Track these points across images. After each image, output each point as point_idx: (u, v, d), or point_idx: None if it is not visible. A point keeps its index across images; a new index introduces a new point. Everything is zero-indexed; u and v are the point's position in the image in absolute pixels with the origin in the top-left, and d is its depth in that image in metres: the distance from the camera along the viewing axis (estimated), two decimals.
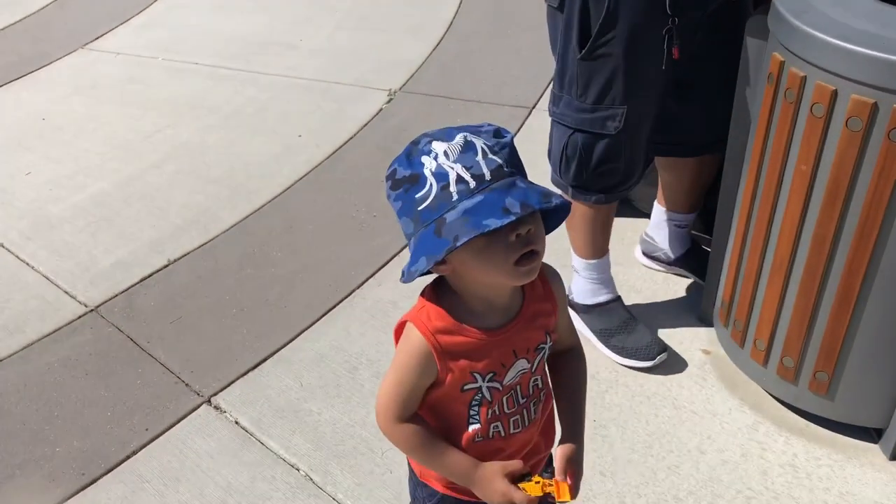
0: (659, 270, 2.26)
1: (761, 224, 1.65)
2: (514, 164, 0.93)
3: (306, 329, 2.19)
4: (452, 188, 0.89)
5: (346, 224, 2.60)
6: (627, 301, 2.10)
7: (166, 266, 2.50)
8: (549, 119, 1.88)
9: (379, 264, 2.40)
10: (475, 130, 0.94)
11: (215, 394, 2.02)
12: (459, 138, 0.91)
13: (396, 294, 2.27)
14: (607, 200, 1.89)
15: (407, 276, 0.95)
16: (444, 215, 0.90)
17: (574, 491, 1.07)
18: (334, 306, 2.26)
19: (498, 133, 0.95)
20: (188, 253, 2.55)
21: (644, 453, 1.76)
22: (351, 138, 3.11)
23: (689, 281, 2.22)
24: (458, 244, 0.88)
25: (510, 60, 3.58)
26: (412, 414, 1.06)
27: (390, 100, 3.36)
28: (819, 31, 1.40)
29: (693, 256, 2.20)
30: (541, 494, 1.05)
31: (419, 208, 0.91)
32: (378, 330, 2.16)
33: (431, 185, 0.90)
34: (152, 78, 3.76)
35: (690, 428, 1.81)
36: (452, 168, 0.89)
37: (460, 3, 4.22)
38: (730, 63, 1.73)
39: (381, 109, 3.29)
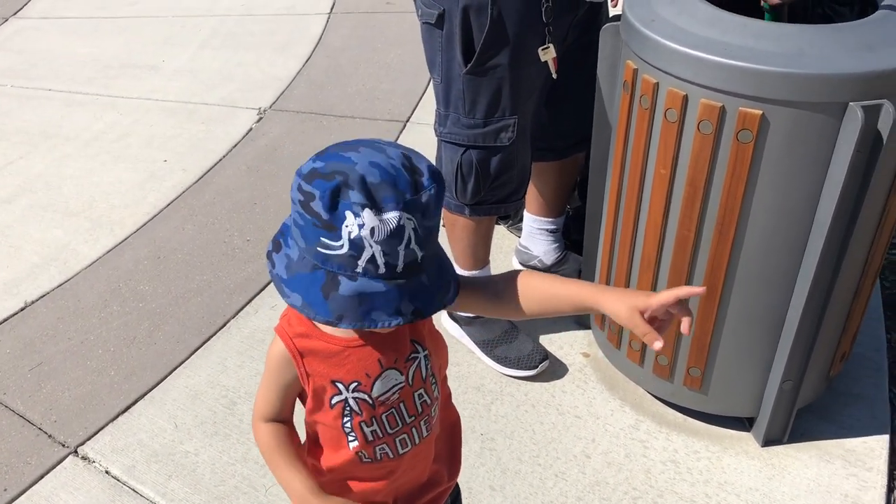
0: None
1: (627, 227, 1.68)
2: (429, 234, 0.89)
3: (179, 365, 2.08)
4: (361, 263, 0.85)
5: (218, 250, 2.50)
6: None
7: (23, 309, 2.33)
8: (425, 134, 1.85)
9: (254, 291, 2.31)
10: (410, 184, 0.86)
11: (82, 443, 1.89)
12: (393, 218, 0.84)
13: (274, 321, 2.17)
14: (505, 211, 1.89)
15: (277, 286, 0.92)
16: (339, 277, 0.86)
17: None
18: (208, 339, 2.16)
19: (433, 175, 0.89)
20: (47, 293, 2.38)
21: (532, 463, 1.76)
22: (220, 160, 3.00)
23: None
24: (340, 325, 0.87)
25: (381, 75, 3.56)
26: (280, 419, 1.07)
27: (260, 119, 3.27)
28: (667, 39, 1.43)
29: (568, 261, 2.24)
30: None
31: (319, 248, 0.87)
32: (256, 360, 2.08)
33: (343, 245, 0.85)
34: (0, 107, 3.52)
35: (575, 433, 1.83)
36: (371, 248, 0.84)
37: (328, 19, 4.17)
38: (593, 66, 1.76)
39: (250, 129, 3.20)
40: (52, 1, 4.79)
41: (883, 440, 1.76)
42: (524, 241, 2.27)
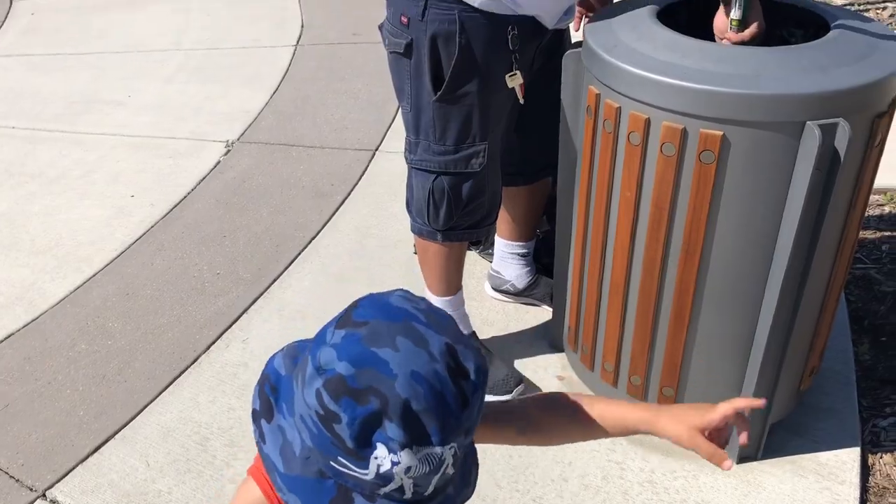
0: (509, 302, 2.29)
1: (596, 250, 1.70)
2: (468, 450, 0.77)
3: (150, 403, 2.05)
4: (385, 490, 0.71)
5: (188, 285, 2.48)
6: (482, 335, 2.11)
7: None
8: (395, 162, 1.86)
9: (225, 325, 2.29)
10: (457, 398, 0.71)
11: (51, 486, 1.84)
12: (436, 454, 0.70)
13: (246, 355, 2.17)
14: (476, 237, 1.91)
15: (268, 471, 0.76)
16: (354, 495, 0.72)
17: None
18: (179, 375, 2.13)
19: (479, 372, 0.74)
20: (12, 333, 2.34)
21: (510, 488, 1.75)
22: (188, 194, 2.98)
23: (539, 309, 2.25)
24: None
25: (349, 104, 3.57)
26: None
27: (228, 151, 3.26)
28: (628, 64, 1.46)
29: (540, 285, 2.25)
30: None
31: (335, 464, 0.71)
32: (229, 395, 2.05)
33: (369, 475, 0.70)
34: None
35: (552, 456, 1.82)
36: (403, 481, 0.70)
37: (295, 50, 4.19)
38: (559, 91, 1.79)
39: (218, 162, 3.19)
40: (15, 37, 4.76)
41: (854, 453, 1.77)
42: (496, 266, 2.28)
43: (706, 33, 1.57)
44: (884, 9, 4.27)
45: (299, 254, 2.60)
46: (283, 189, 2.97)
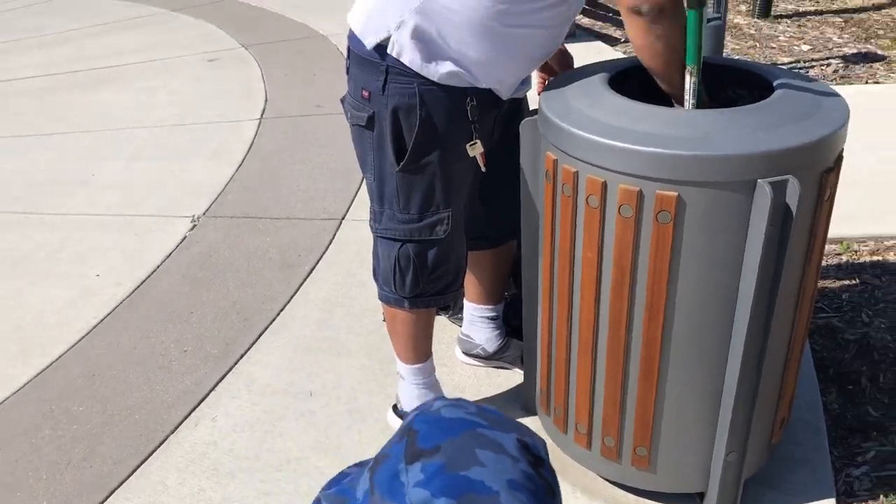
0: (480, 366, 2.29)
1: (562, 311, 1.71)
2: None
3: (117, 488, 1.99)
4: None
5: (155, 363, 2.44)
6: None
7: None
8: (362, 230, 1.88)
9: (194, 403, 2.25)
10: (547, 491, 0.70)
11: None
12: None
13: (215, 434, 2.13)
14: (444, 302, 1.91)
15: None
16: None
17: None
18: (147, 457, 2.08)
19: (546, 451, 0.74)
20: None
21: None
22: (154, 271, 2.96)
23: (511, 372, 2.25)
24: None
25: (315, 174, 3.60)
26: None
27: (194, 226, 3.26)
28: (582, 130, 1.50)
29: (510, 347, 2.25)
30: None
31: None
32: (198, 476, 2.01)
33: None
34: None
35: None
36: None
37: (259, 124, 4.23)
38: (518, 157, 1.82)
39: (184, 237, 3.18)
40: None
41: None
42: (465, 330, 2.28)
43: (655, 95, 1.62)
44: (828, 65, 4.44)
45: (267, 326, 2.58)
46: (251, 261, 2.96)
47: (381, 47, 1.66)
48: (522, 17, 1.64)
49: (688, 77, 1.56)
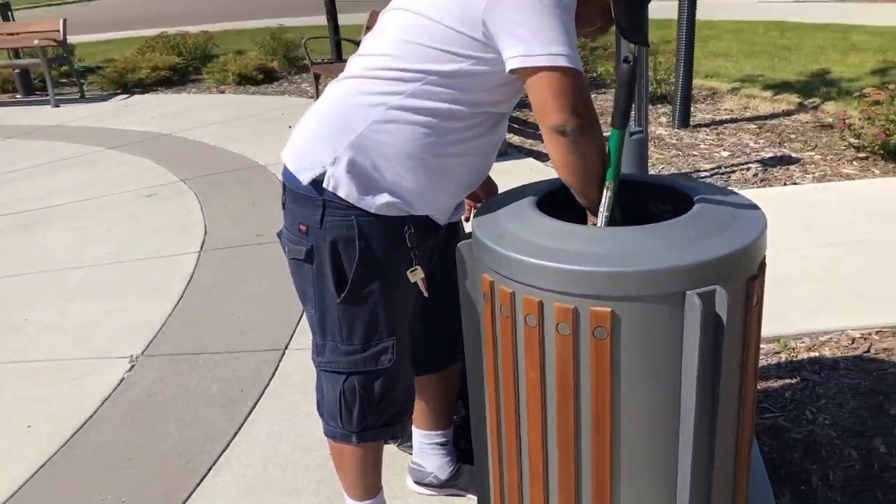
0: (433, 495, 2.23)
1: (510, 435, 1.69)
2: None
3: None
4: None
5: None
6: None
7: None
8: (306, 361, 1.85)
9: None
10: None
11: None
12: None
13: None
14: (393, 434, 1.87)
15: None
16: None
17: None
18: None
19: None
20: None
21: None
22: (90, 417, 2.85)
23: (465, 499, 2.20)
24: None
25: (255, 305, 3.57)
26: None
27: (132, 367, 3.17)
28: (515, 252, 1.53)
29: (463, 473, 2.20)
30: None
31: None
32: None
33: None
34: None
35: None
36: None
37: (199, 256, 4.21)
38: (457, 280, 1.84)
39: (122, 379, 3.08)
40: None
41: None
42: (416, 459, 2.23)
43: (579, 211, 1.68)
44: (748, 169, 4.67)
45: (210, 468, 2.48)
46: (192, 400, 2.87)
47: (316, 182, 1.69)
48: (452, 147, 1.69)
49: (605, 192, 1.62)
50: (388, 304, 1.75)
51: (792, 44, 7.96)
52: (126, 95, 8.72)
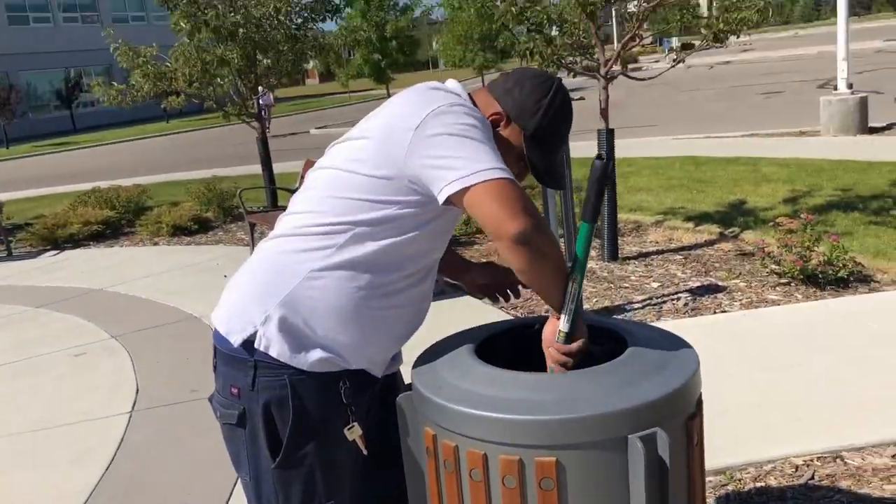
0: None
1: None
2: None
3: None
4: None
5: None
6: None
7: None
8: None
9: None
10: None
11: None
12: None
13: None
14: None
15: None
16: None
17: None
18: None
19: None
20: None
21: None
22: None
23: None
24: None
25: (190, 468, 3.41)
26: None
27: None
28: (456, 404, 1.52)
29: None
30: None
31: None
32: None
33: None
34: None
35: None
36: None
37: (130, 417, 4.04)
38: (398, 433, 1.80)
39: None
40: None
41: None
42: None
43: (524, 357, 1.69)
44: (678, 299, 4.81)
45: None
46: None
47: (247, 343, 1.67)
48: (385, 300, 1.70)
49: (571, 284, 1.63)
50: (326, 465, 1.70)
51: (707, 177, 8.42)
52: (56, 251, 8.59)
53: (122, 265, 7.60)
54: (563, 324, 1.65)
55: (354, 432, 1.73)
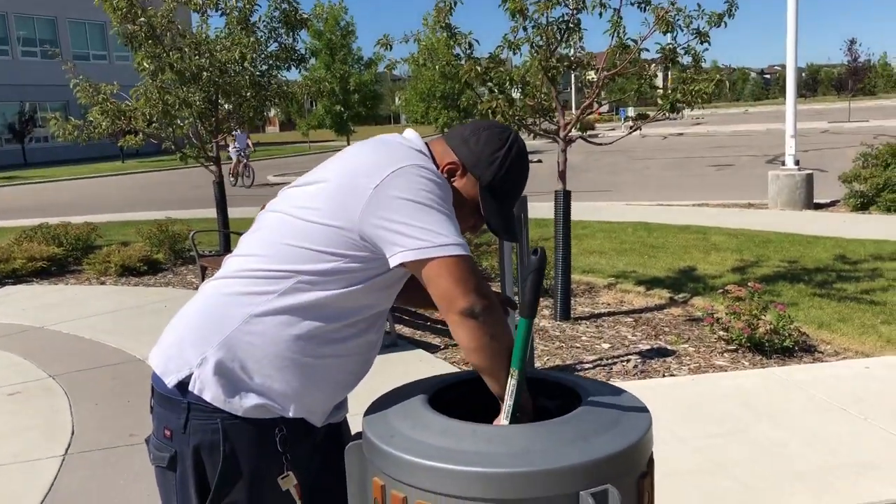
0: None
1: None
2: None
3: None
4: None
5: None
6: None
7: None
8: None
9: None
10: None
11: None
12: None
13: None
14: None
15: None
16: None
17: None
18: None
19: None
20: None
21: None
22: None
23: None
24: None
25: None
26: None
27: None
28: (407, 454, 1.49)
29: None
30: None
31: None
32: None
33: None
34: None
35: None
36: None
37: (62, 461, 3.88)
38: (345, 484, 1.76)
39: None
40: None
41: None
42: None
43: (473, 406, 1.67)
44: (628, 361, 4.84)
45: None
46: None
47: (182, 385, 1.62)
48: (326, 348, 1.67)
49: (510, 379, 1.61)
50: None
51: (658, 243, 8.59)
52: None
53: (66, 303, 7.39)
54: (503, 419, 1.62)
55: (289, 482, 1.68)
